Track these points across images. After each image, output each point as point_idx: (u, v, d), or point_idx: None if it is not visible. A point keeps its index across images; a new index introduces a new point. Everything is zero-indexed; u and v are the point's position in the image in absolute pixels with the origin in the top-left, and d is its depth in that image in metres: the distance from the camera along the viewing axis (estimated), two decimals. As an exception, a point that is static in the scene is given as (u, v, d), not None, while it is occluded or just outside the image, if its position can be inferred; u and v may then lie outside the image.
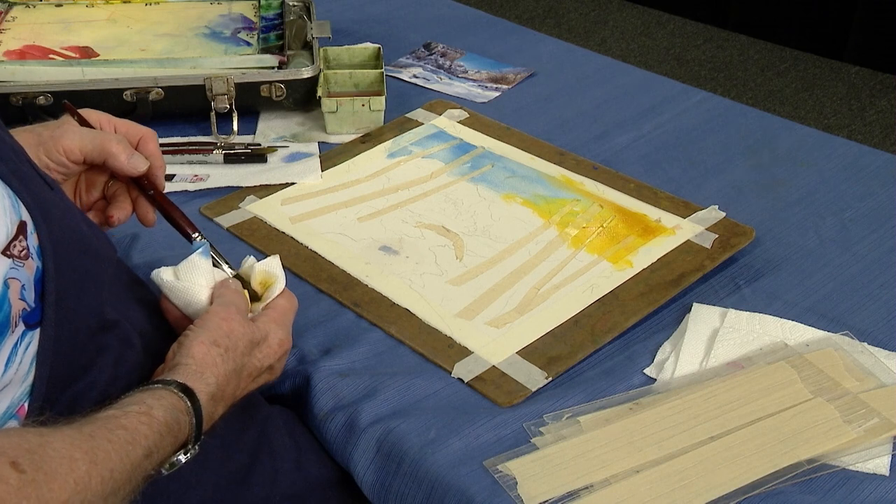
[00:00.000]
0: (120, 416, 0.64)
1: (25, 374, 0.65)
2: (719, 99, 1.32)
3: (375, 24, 1.53)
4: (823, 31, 3.00)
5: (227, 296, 0.79)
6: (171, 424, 0.66)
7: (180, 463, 0.68)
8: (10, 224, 0.62)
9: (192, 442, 0.69)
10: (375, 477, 0.79)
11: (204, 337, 0.74)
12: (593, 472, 0.75)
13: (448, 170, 1.15)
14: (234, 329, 0.75)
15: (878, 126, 2.67)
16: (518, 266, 0.99)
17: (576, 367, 0.86)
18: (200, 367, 0.72)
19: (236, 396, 0.77)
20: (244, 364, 0.76)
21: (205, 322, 0.75)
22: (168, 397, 0.68)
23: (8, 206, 0.62)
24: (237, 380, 0.75)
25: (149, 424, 0.64)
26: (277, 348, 0.79)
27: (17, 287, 0.62)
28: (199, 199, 1.11)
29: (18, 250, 0.63)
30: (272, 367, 0.79)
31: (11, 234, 0.62)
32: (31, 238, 0.64)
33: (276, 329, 0.79)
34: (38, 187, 0.68)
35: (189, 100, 1.22)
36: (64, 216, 0.70)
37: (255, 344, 0.77)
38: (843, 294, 0.95)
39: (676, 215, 1.05)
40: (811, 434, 0.77)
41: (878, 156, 1.18)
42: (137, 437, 0.63)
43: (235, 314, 0.77)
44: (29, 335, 0.65)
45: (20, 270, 0.63)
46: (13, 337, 0.63)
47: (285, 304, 0.82)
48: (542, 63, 1.42)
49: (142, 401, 0.66)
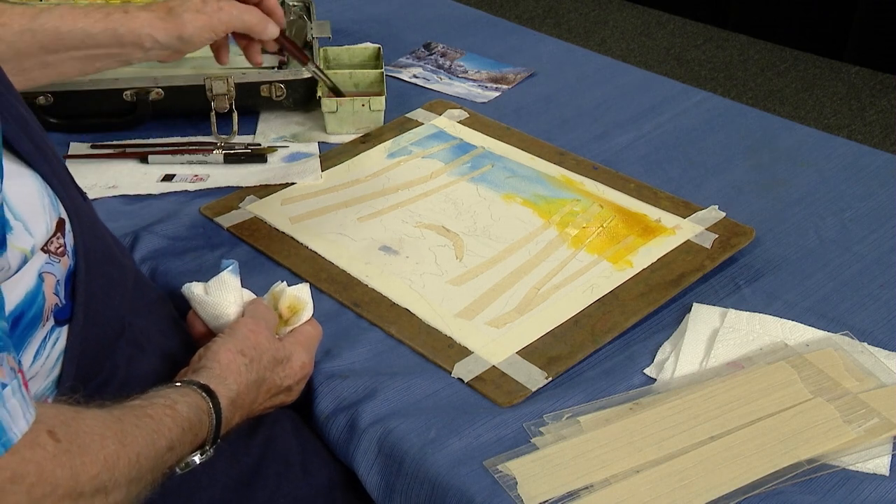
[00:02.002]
0: (146, 407, 0.66)
1: (51, 368, 0.67)
2: (719, 99, 1.32)
3: (375, 24, 1.53)
4: (823, 31, 3.00)
5: (258, 311, 0.82)
6: (194, 422, 0.68)
7: (194, 464, 0.69)
8: (51, 221, 0.65)
9: (210, 443, 0.71)
10: (380, 477, 0.80)
11: (231, 345, 0.76)
12: (593, 472, 0.75)
13: (448, 170, 1.15)
14: (261, 342, 0.78)
15: (878, 126, 2.67)
16: (518, 266, 0.99)
17: (576, 367, 0.86)
18: (224, 372, 0.74)
19: (253, 410, 0.78)
20: (265, 378, 0.78)
21: (234, 331, 0.78)
22: (192, 395, 0.70)
23: (48, 204, 0.65)
24: (256, 392, 0.77)
25: (173, 418, 0.66)
26: (299, 370, 0.81)
27: (51, 282, 0.65)
28: (199, 199, 1.11)
29: (55, 247, 0.66)
30: (291, 388, 0.81)
31: (52, 230, 0.65)
32: (69, 237, 0.67)
33: (300, 352, 0.81)
34: (74, 193, 0.71)
35: (189, 100, 1.22)
36: (94, 224, 0.73)
37: (279, 362, 0.79)
38: (843, 294, 0.95)
39: (676, 215, 1.05)
40: (811, 434, 0.77)
41: (878, 156, 1.18)
42: (162, 429, 0.65)
43: (264, 329, 0.79)
44: (57, 331, 0.67)
45: (55, 266, 0.66)
46: (43, 331, 0.65)
47: (311, 331, 0.84)
48: (542, 63, 1.42)
49: (167, 395, 0.68)
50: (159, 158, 1.16)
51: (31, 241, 0.63)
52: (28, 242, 0.62)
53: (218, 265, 0.97)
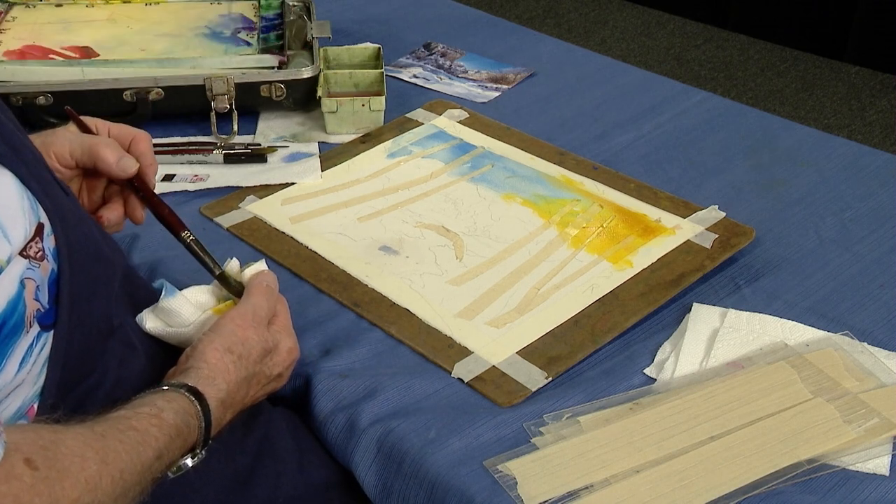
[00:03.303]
0: (131, 418, 0.64)
1: (38, 375, 0.65)
2: (719, 99, 1.32)
3: (375, 24, 1.53)
4: (823, 31, 3.00)
5: (251, 299, 0.80)
6: (181, 427, 0.67)
7: (187, 467, 0.68)
8: (29, 225, 0.63)
9: (200, 446, 0.69)
10: (377, 478, 0.79)
11: (218, 343, 0.75)
12: (593, 472, 0.75)
13: (448, 170, 1.15)
14: (250, 337, 0.76)
15: (878, 126, 2.67)
16: (518, 266, 0.99)
17: (576, 367, 0.86)
18: (213, 372, 0.72)
19: (245, 404, 0.78)
20: (255, 372, 0.77)
21: (220, 328, 0.76)
22: (179, 400, 0.68)
23: (27, 208, 0.63)
24: (247, 387, 0.76)
25: (159, 427, 0.65)
26: (286, 356, 0.80)
27: (32, 287, 0.63)
28: (199, 199, 1.11)
29: (35, 251, 0.63)
30: (280, 374, 0.81)
31: (30, 235, 0.63)
32: (48, 240, 0.65)
33: (285, 338, 0.80)
34: (55, 192, 0.68)
35: (189, 100, 1.22)
36: (79, 222, 0.71)
37: (268, 352, 0.78)
38: (843, 294, 0.95)
39: (676, 215, 1.05)
40: (811, 434, 0.77)
41: (878, 156, 1.18)
42: (148, 439, 0.64)
43: (251, 321, 0.78)
44: (44, 337, 0.65)
45: (35, 271, 0.64)
46: (28, 338, 0.64)
47: (286, 312, 0.83)
48: (542, 63, 1.42)
49: (153, 403, 0.67)
50: (159, 158, 1.15)
51: (9, 249, 0.61)
52: (5, 250, 0.60)
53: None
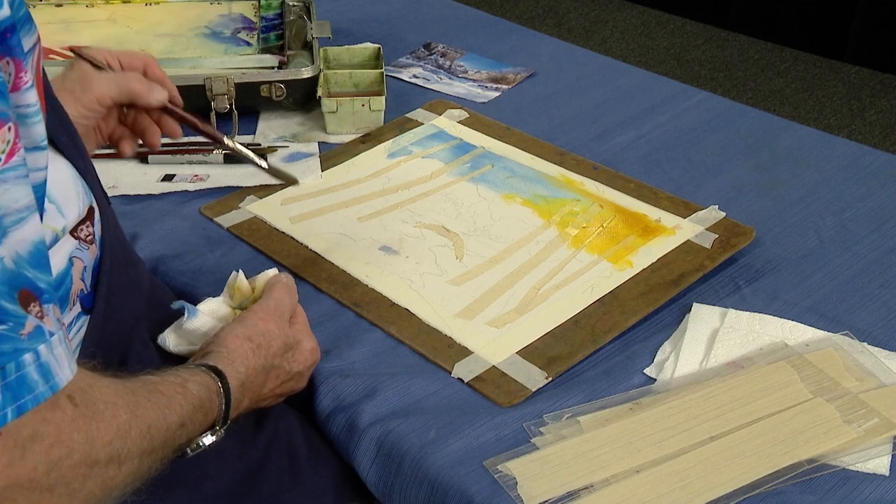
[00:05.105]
0: (158, 383, 0.66)
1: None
2: (719, 99, 1.32)
3: (375, 24, 1.53)
4: (823, 31, 3.00)
5: (273, 293, 0.82)
6: (204, 400, 0.69)
7: (204, 446, 0.69)
8: (82, 206, 0.67)
9: (220, 423, 0.71)
10: (378, 477, 0.80)
11: (239, 331, 0.77)
12: (593, 472, 0.75)
13: (448, 170, 1.15)
14: (271, 329, 0.78)
15: (878, 126, 2.67)
16: (518, 266, 0.99)
17: (576, 367, 0.86)
18: (232, 356, 0.75)
19: (263, 396, 0.79)
20: (274, 364, 0.78)
21: (243, 318, 0.79)
22: (201, 375, 0.70)
23: (81, 192, 0.67)
24: (265, 377, 0.78)
25: (183, 395, 0.67)
26: (309, 356, 0.82)
27: (79, 267, 0.67)
28: (199, 199, 1.11)
29: (85, 234, 0.68)
30: (301, 373, 0.82)
31: (83, 215, 0.67)
32: (97, 226, 0.70)
33: (307, 338, 0.82)
34: (99, 192, 0.73)
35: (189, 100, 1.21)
36: (116, 225, 0.76)
37: (290, 347, 0.80)
38: (843, 294, 0.95)
39: (676, 215, 1.05)
40: (811, 434, 0.77)
41: (878, 156, 1.18)
42: (173, 405, 0.65)
43: (273, 314, 0.80)
44: (81, 319, 0.68)
45: (84, 252, 0.68)
46: (70, 314, 0.67)
47: (304, 315, 0.85)
48: (542, 63, 1.42)
49: (178, 374, 0.69)
50: (159, 158, 1.16)
51: (63, 222, 0.65)
52: (59, 223, 0.64)
53: (218, 266, 0.98)
